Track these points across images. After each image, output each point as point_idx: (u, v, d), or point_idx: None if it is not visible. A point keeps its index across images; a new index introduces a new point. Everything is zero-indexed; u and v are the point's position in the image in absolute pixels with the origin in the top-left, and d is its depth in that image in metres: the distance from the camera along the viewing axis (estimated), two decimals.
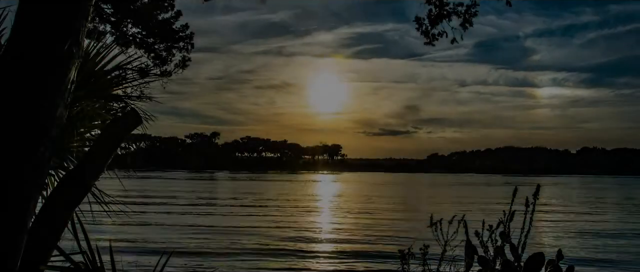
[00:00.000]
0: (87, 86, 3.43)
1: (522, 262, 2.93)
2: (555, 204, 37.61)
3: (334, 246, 17.67)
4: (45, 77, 2.17)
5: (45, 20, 2.18)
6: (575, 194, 52.51)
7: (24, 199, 2.17)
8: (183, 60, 10.88)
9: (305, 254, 15.62)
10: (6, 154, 2.12)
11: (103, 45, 3.69)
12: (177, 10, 10.60)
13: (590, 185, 79.58)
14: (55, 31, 2.19)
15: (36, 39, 2.17)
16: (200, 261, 14.12)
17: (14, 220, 2.15)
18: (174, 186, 58.32)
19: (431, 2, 8.36)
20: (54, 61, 2.19)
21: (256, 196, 42.85)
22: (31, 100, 2.15)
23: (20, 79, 2.15)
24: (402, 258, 3.13)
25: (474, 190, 60.82)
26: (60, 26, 2.20)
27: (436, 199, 44.60)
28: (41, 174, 2.22)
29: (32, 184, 2.19)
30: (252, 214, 27.89)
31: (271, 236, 19.24)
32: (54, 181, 3.48)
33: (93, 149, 2.82)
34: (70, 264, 3.01)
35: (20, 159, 2.13)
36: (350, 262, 14.64)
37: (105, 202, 3.61)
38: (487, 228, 3.15)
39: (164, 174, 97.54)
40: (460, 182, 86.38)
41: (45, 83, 2.17)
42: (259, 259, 14.55)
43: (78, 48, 2.28)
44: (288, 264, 14.04)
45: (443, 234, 3.23)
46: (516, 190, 3.14)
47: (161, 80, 9.97)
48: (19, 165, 2.13)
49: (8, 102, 2.14)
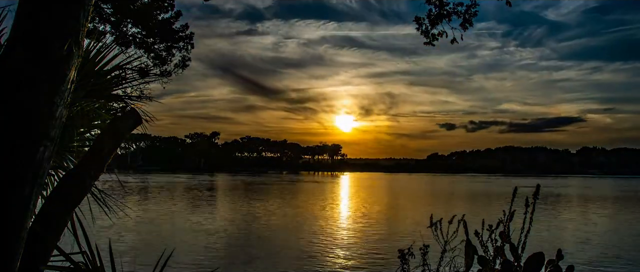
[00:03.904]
0: (87, 86, 3.43)
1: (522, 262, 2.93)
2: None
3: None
4: (45, 77, 2.17)
5: (45, 20, 2.18)
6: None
7: (24, 199, 2.17)
8: (183, 60, 10.89)
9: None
10: (6, 154, 2.11)
11: (103, 45, 3.69)
12: (177, 10, 10.60)
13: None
14: (55, 31, 2.19)
15: (36, 38, 2.17)
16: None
17: (14, 220, 2.15)
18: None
19: (431, 2, 8.36)
20: (54, 61, 2.19)
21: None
22: (31, 100, 2.15)
23: (20, 78, 2.15)
24: (402, 258, 3.13)
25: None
26: (60, 26, 2.20)
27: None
28: (41, 174, 2.22)
29: (32, 184, 2.18)
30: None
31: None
32: (54, 180, 3.48)
33: (93, 149, 2.82)
34: (70, 264, 3.02)
35: (20, 159, 2.13)
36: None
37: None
38: (487, 228, 3.15)
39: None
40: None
41: (45, 83, 2.17)
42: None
43: (78, 48, 2.28)
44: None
45: (443, 234, 3.24)
46: (516, 190, 3.14)
47: (161, 80, 9.98)
48: (19, 165, 2.13)
49: (8, 102, 2.14)
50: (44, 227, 2.55)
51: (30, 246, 2.41)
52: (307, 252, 15.92)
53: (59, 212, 2.64)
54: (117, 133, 2.80)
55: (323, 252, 16.25)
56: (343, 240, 18.80)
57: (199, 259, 14.31)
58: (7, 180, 2.12)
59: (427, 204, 37.84)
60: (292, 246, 17.10)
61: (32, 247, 2.47)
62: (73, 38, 2.23)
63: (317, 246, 17.31)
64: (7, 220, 2.13)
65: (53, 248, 2.71)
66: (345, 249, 16.73)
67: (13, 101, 2.14)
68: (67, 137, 3.35)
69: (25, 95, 2.15)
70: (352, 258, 15.22)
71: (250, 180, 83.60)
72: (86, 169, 2.71)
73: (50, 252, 2.68)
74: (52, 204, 2.64)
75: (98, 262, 3.10)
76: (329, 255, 15.79)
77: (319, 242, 18.19)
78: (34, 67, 2.16)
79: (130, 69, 3.80)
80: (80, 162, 2.83)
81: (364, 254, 15.92)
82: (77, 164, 2.97)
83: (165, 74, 10.50)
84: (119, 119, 2.87)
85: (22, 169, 2.14)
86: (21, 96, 2.15)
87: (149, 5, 10.28)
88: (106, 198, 3.62)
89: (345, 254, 15.92)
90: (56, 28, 2.19)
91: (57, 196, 2.68)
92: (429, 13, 8.44)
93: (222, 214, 27.93)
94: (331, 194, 49.39)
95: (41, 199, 2.72)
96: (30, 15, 2.18)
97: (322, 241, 18.53)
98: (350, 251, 16.35)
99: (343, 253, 16.05)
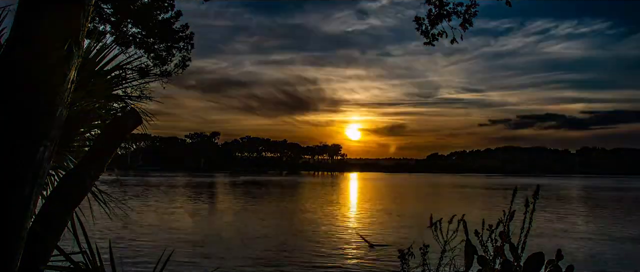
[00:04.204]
0: (87, 86, 3.43)
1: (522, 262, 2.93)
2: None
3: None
4: (45, 77, 2.17)
5: (45, 20, 2.18)
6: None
7: (24, 199, 2.17)
8: (183, 60, 10.88)
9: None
10: (6, 154, 2.12)
11: (103, 45, 3.69)
12: (177, 11, 10.60)
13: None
14: (55, 31, 2.19)
15: (36, 38, 2.17)
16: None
17: (14, 220, 2.15)
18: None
19: (431, 2, 8.35)
20: (54, 61, 2.19)
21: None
22: (31, 100, 2.15)
23: (20, 78, 2.15)
24: (402, 258, 3.13)
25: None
26: (60, 26, 2.20)
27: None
28: (41, 174, 2.22)
29: (32, 184, 2.18)
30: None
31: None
32: (54, 180, 3.48)
33: (93, 149, 2.82)
34: (70, 264, 3.02)
35: (20, 159, 2.13)
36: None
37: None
38: (487, 228, 3.15)
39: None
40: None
41: (45, 83, 2.17)
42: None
43: (78, 48, 2.28)
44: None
45: (442, 234, 3.23)
46: (516, 190, 3.14)
47: (161, 80, 9.97)
48: (19, 165, 2.13)
49: (8, 102, 2.14)
50: (44, 227, 2.55)
51: (30, 246, 2.41)
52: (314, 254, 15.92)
53: (59, 212, 2.64)
54: (117, 133, 2.80)
55: (326, 252, 16.24)
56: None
57: (199, 259, 14.31)
58: (7, 180, 2.12)
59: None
60: (292, 246, 17.10)
61: (32, 247, 2.47)
62: (73, 38, 2.23)
63: (319, 247, 17.31)
64: (7, 220, 2.13)
65: (53, 248, 2.71)
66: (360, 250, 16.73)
67: (13, 101, 2.14)
68: (67, 137, 3.35)
69: (25, 95, 2.15)
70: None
71: (251, 180, 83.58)
72: (86, 169, 2.71)
73: (50, 252, 2.68)
74: (52, 204, 2.64)
75: (98, 262, 3.10)
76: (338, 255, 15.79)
77: (322, 243, 18.18)
78: (34, 67, 2.16)
79: (130, 69, 3.80)
80: (80, 162, 2.83)
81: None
82: (77, 164, 2.97)
83: (165, 74, 10.49)
84: (119, 119, 2.87)
85: (22, 169, 2.14)
86: (21, 96, 2.15)
87: (149, 5, 10.27)
88: (106, 198, 3.62)
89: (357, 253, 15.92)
90: (56, 28, 2.19)
91: (57, 196, 2.68)
92: (429, 13, 8.43)
93: (222, 214, 27.92)
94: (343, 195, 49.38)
95: (41, 199, 2.72)
96: (30, 15, 2.18)
97: (326, 242, 18.52)
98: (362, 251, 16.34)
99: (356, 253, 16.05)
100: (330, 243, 17.99)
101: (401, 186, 71.12)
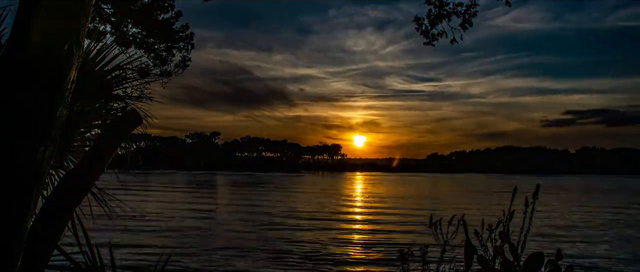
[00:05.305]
0: (87, 86, 3.43)
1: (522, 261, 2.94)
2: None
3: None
4: (46, 77, 2.18)
5: (45, 20, 2.18)
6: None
7: (24, 199, 2.17)
8: (183, 60, 10.89)
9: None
10: (6, 154, 2.12)
11: (103, 45, 3.69)
12: (177, 11, 10.60)
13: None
14: (56, 31, 2.19)
15: (36, 38, 2.17)
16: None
17: (14, 220, 2.15)
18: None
19: (431, 2, 8.36)
20: (54, 61, 2.19)
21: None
22: (31, 100, 2.16)
23: (20, 78, 2.16)
24: (402, 258, 3.13)
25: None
26: (60, 26, 2.20)
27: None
28: (41, 174, 2.22)
29: (32, 184, 2.19)
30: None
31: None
32: (54, 180, 3.48)
33: (93, 149, 2.82)
34: (70, 264, 3.02)
35: (20, 159, 2.14)
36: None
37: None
38: (487, 228, 3.15)
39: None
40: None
41: (45, 83, 2.17)
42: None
43: (78, 48, 2.28)
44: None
45: (442, 234, 3.24)
46: (516, 190, 3.15)
47: (161, 80, 9.98)
48: (19, 165, 2.13)
49: (8, 102, 2.15)
50: (44, 227, 2.56)
51: (30, 246, 2.41)
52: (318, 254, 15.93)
53: (59, 212, 2.64)
54: (117, 133, 2.80)
55: (328, 252, 16.25)
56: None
57: (199, 259, 14.31)
58: (7, 180, 2.12)
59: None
60: (294, 247, 17.10)
61: (33, 247, 2.47)
62: (73, 38, 2.23)
63: (322, 247, 17.31)
64: (7, 220, 2.13)
65: (53, 248, 2.71)
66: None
67: (13, 101, 2.14)
68: (67, 137, 3.35)
69: (25, 95, 2.15)
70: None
71: (251, 180, 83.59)
72: (86, 169, 2.72)
73: (50, 252, 2.68)
74: (52, 204, 2.64)
75: (98, 262, 3.11)
76: (340, 255, 15.80)
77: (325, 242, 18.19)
78: (34, 67, 2.16)
79: (130, 69, 3.80)
80: (80, 162, 2.83)
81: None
82: (77, 164, 2.97)
83: (166, 74, 10.50)
84: (119, 119, 2.88)
85: (22, 169, 2.14)
86: (21, 96, 2.15)
87: (149, 5, 10.28)
88: (106, 198, 3.62)
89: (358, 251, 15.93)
90: (56, 28, 2.19)
91: (57, 196, 2.68)
92: (428, 13, 8.44)
93: (222, 214, 27.93)
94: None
95: (41, 199, 2.72)
96: (30, 15, 2.18)
97: (328, 242, 18.53)
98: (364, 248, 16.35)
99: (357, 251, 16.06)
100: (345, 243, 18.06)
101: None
